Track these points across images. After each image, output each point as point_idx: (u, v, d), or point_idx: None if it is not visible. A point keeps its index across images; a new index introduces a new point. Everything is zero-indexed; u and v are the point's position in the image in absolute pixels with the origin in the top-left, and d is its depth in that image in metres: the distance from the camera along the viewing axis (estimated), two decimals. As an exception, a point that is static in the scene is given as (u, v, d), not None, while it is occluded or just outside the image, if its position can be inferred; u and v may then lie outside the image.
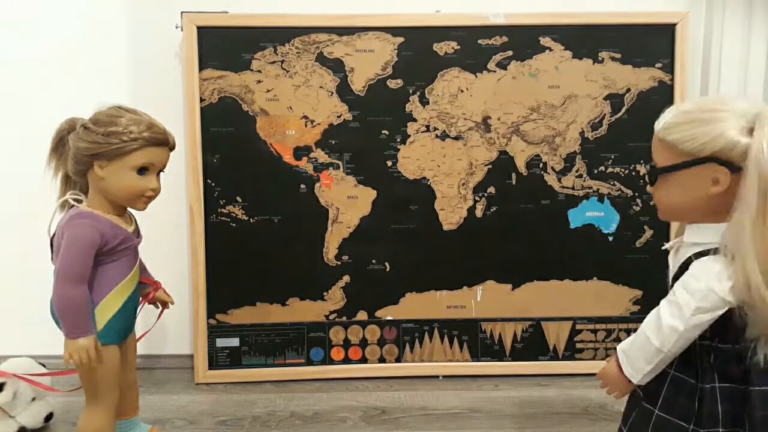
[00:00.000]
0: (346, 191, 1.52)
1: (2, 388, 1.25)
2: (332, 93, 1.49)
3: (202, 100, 1.48)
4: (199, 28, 1.46)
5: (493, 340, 1.56)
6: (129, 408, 1.21)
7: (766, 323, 0.75)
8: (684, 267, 0.80)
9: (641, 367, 0.82)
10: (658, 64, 1.50)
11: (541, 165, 1.52)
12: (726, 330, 0.79)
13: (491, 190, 1.52)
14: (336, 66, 1.49)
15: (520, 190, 1.52)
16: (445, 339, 1.56)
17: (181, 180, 1.54)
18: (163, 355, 1.63)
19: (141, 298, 1.16)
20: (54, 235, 1.07)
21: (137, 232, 1.13)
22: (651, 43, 1.50)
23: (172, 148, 1.09)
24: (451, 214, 1.53)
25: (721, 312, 0.77)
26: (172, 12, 1.47)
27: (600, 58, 1.50)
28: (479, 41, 1.49)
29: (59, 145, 1.09)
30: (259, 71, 1.48)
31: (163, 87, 1.54)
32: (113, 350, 1.08)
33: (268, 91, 1.49)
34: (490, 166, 1.52)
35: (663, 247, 0.90)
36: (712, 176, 0.76)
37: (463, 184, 1.52)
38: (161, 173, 1.09)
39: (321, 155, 1.50)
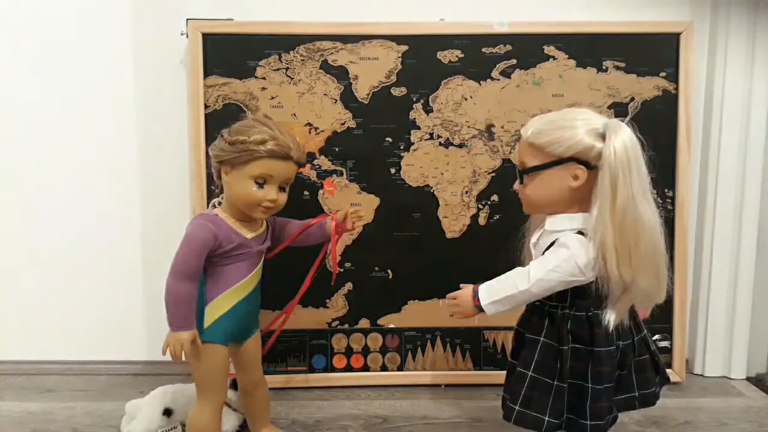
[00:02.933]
0: (350, 198, 1.52)
1: (237, 386, 1.28)
2: (336, 100, 1.50)
3: (206, 106, 1.48)
4: (204, 35, 1.47)
5: (495, 349, 1.55)
6: (258, 413, 1.24)
7: (620, 293, 0.94)
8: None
9: (496, 299, 0.97)
10: (663, 73, 1.50)
11: (544, 173, 1.52)
12: (582, 300, 0.96)
13: (494, 198, 1.52)
14: (340, 73, 1.49)
15: (523, 199, 1.52)
16: (448, 347, 1.56)
17: (185, 186, 1.55)
18: (165, 361, 1.62)
19: (331, 239, 1.23)
20: None
21: (262, 239, 1.16)
22: (655, 52, 1.50)
23: (298, 163, 1.11)
24: (454, 221, 1.53)
25: (573, 279, 0.94)
26: (177, 19, 1.48)
27: (604, 67, 1.50)
28: (483, 50, 1.49)
29: None
30: (264, 78, 1.49)
31: (167, 93, 1.55)
32: (218, 349, 1.11)
33: (273, 98, 1.49)
34: (493, 174, 1.52)
35: (531, 242, 1.04)
36: (573, 173, 0.94)
37: (467, 192, 1.52)
38: (286, 187, 1.13)
39: (324, 162, 1.51)
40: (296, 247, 1.27)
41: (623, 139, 0.91)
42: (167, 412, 1.26)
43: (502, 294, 0.97)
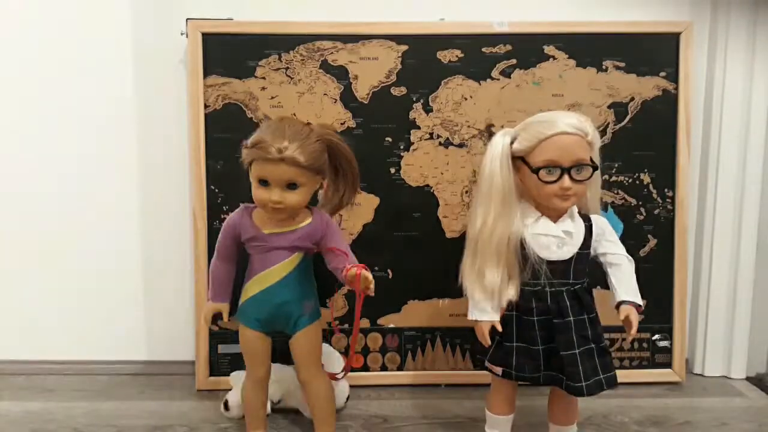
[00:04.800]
0: (349, 198, 1.52)
1: None
2: (336, 100, 1.50)
3: (206, 106, 1.48)
4: (204, 34, 1.47)
5: (495, 348, 1.55)
6: (312, 412, 1.24)
7: None
8: (590, 228, 1.12)
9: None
10: (663, 73, 1.50)
11: (544, 173, 1.51)
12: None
13: (494, 198, 1.52)
14: (340, 73, 1.49)
15: (523, 198, 1.52)
16: (448, 347, 1.56)
17: (184, 186, 1.55)
18: (165, 361, 1.63)
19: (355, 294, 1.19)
20: None
21: (290, 238, 1.16)
22: (655, 52, 1.50)
23: (290, 163, 1.07)
24: (454, 221, 1.53)
25: None
26: (177, 19, 1.48)
27: (604, 67, 1.50)
28: (483, 49, 1.49)
29: None
30: (264, 78, 1.49)
31: (167, 93, 1.55)
32: (246, 331, 1.19)
33: (273, 97, 1.49)
34: (493, 174, 1.52)
35: (549, 232, 1.09)
36: None
37: (467, 192, 1.52)
38: (297, 186, 1.10)
39: (324, 162, 1.50)
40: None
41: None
42: None
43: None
